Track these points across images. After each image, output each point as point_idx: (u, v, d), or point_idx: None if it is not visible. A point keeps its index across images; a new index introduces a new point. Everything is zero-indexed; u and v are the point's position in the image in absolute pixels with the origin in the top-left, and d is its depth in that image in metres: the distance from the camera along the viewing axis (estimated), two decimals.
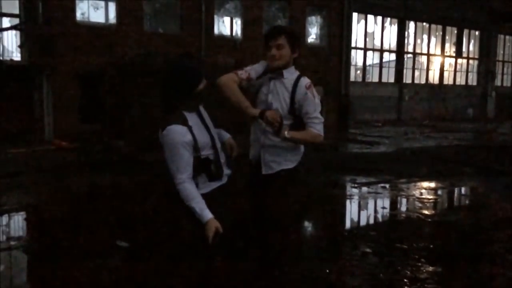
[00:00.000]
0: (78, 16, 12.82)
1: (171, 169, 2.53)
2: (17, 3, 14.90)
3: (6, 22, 16.19)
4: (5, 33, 15.54)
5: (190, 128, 2.52)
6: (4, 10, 15.05)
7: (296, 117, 2.81)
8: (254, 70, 2.88)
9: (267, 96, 2.82)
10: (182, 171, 2.51)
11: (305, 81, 2.79)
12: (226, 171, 2.72)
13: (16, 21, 15.32)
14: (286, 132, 2.70)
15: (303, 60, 16.51)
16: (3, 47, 15.87)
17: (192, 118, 2.58)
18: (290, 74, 2.81)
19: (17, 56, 15.49)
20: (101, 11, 13.55)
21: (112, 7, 13.34)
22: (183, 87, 2.53)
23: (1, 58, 14.51)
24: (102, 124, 12.34)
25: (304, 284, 3.73)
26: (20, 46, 14.41)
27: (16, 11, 15.01)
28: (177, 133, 2.49)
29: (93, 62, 12.40)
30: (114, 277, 3.89)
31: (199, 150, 2.55)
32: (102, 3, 13.51)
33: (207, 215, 2.52)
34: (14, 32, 15.31)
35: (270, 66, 2.80)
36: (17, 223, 5.88)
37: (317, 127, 2.79)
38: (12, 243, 4.86)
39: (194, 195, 2.53)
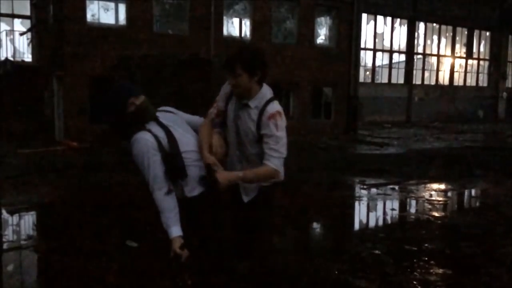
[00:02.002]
0: (89, 17, 12.91)
1: (146, 178, 2.53)
2: (28, 4, 15.07)
3: (18, 23, 16.38)
4: (16, 34, 15.71)
5: (151, 132, 2.54)
6: (15, 12, 15.22)
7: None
8: (221, 99, 2.75)
9: (236, 123, 2.67)
10: (155, 179, 2.50)
11: (270, 110, 2.56)
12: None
13: (27, 22, 15.50)
14: (241, 174, 2.56)
15: (312, 61, 16.53)
16: (15, 48, 16.06)
17: (152, 125, 2.58)
18: (258, 101, 2.59)
19: (28, 57, 15.67)
20: (111, 13, 13.65)
21: (122, 8, 13.43)
22: (112, 114, 2.59)
23: (13, 59, 14.67)
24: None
25: (313, 285, 3.72)
26: (21, 34, 14.53)
27: (27, 13, 15.18)
28: (142, 141, 2.50)
29: (103, 63, 12.49)
30: (123, 277, 3.91)
31: (164, 149, 2.53)
32: (112, 5, 13.62)
33: (172, 232, 2.48)
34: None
35: (234, 93, 2.67)
36: (27, 222, 5.93)
37: (274, 161, 2.54)
38: (22, 242, 4.91)
39: (165, 208, 2.50)
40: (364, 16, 19.99)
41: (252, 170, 2.60)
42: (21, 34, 15.15)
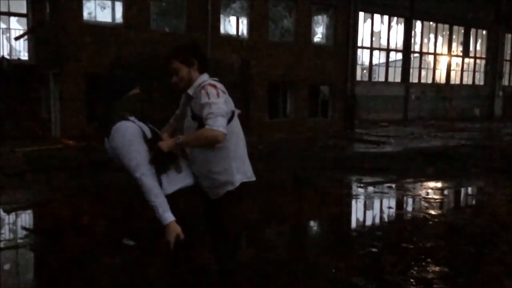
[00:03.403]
0: (85, 15, 12.87)
1: (130, 167, 2.42)
2: (24, 2, 15.00)
3: (14, 21, 16.32)
4: (12, 32, 15.65)
5: (134, 122, 2.51)
6: (12, 10, 15.16)
7: (200, 121, 2.57)
8: (181, 104, 2.83)
9: (182, 122, 2.74)
10: (142, 163, 2.41)
11: (201, 84, 2.59)
12: (189, 170, 2.65)
13: (23, 20, 15.44)
14: (179, 139, 2.52)
15: (309, 60, 16.53)
16: (11, 46, 16.01)
17: (135, 120, 2.56)
18: (195, 88, 2.63)
19: (24, 56, 15.61)
20: (108, 11, 13.60)
21: (119, 6, 13.39)
22: (111, 92, 2.54)
23: (9, 58, 14.62)
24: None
25: (310, 283, 3.73)
26: (16, 39, 14.48)
27: (24, 11, 15.11)
28: (127, 128, 2.45)
29: (99, 62, 12.45)
30: (120, 275, 3.91)
31: (148, 139, 2.49)
32: (109, 3, 13.56)
33: (169, 217, 2.38)
34: (20, 31, 15.42)
35: (180, 89, 2.73)
36: (24, 221, 5.92)
37: (209, 122, 2.43)
38: (19, 241, 4.90)
39: (157, 192, 2.40)
40: (361, 14, 20.00)
41: (189, 135, 2.59)
42: (16, 38, 15.11)
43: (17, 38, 14.98)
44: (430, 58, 25.13)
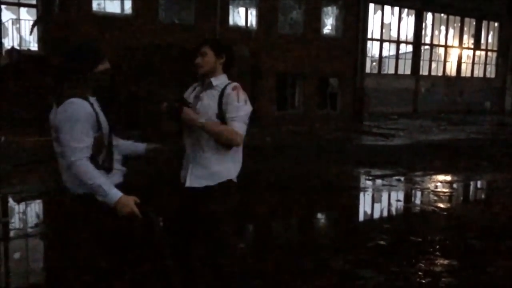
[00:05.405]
0: (94, 6, 12.88)
1: (68, 147, 2.26)
2: None
3: (24, 12, 16.37)
4: (22, 22, 15.72)
5: (91, 104, 2.37)
6: (21, 0, 15.21)
7: (224, 122, 2.65)
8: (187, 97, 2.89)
9: (196, 103, 2.75)
10: (82, 150, 2.26)
11: (232, 85, 2.69)
12: (120, 167, 2.61)
13: (33, 11, 15.49)
14: (204, 121, 2.58)
15: (318, 52, 16.44)
16: (21, 37, 16.07)
17: (92, 100, 2.42)
18: (220, 82, 2.72)
19: (34, 46, 15.67)
20: (117, 2, 13.61)
21: None
22: (79, 62, 2.37)
23: (19, 48, 14.69)
24: (116, 114, 12.40)
25: (318, 275, 3.73)
26: (33, 26, 14.46)
27: (33, 1, 15.16)
28: (80, 106, 2.29)
29: (108, 52, 12.45)
30: (126, 265, 3.92)
31: (101, 128, 2.38)
32: None
33: (117, 192, 2.30)
34: (31, 22, 15.47)
35: (198, 74, 2.79)
36: (33, 210, 5.97)
37: (235, 124, 2.59)
38: (29, 230, 4.94)
39: (96, 174, 2.27)
40: (371, 6, 19.84)
41: (215, 124, 2.62)
42: (31, 31, 15.15)
43: (31, 31, 15.03)
44: (441, 50, 24.90)
